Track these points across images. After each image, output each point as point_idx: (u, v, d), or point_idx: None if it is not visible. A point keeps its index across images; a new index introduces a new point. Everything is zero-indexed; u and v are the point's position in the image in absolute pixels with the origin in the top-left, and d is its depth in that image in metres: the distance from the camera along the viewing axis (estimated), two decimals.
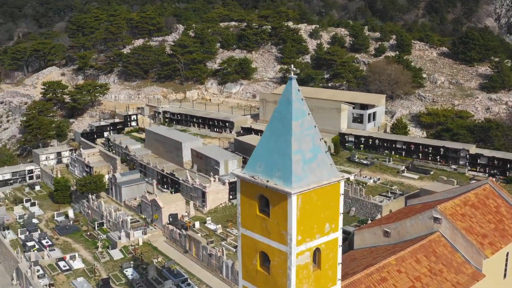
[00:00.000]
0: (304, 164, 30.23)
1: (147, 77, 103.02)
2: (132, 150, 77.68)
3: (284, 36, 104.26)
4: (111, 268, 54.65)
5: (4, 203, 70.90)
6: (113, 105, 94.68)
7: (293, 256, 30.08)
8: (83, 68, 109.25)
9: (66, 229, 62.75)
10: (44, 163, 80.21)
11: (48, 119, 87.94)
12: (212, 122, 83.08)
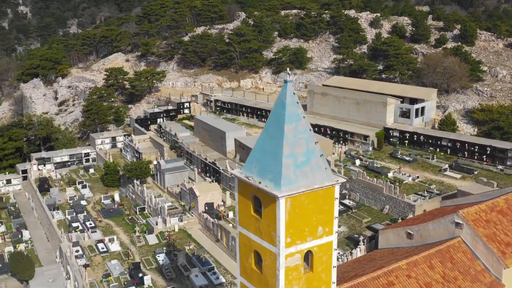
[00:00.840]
0: (296, 167, 30.42)
1: (205, 65, 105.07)
2: (181, 137, 79.98)
3: (342, 25, 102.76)
4: (145, 253, 57.12)
5: (59, 184, 75.39)
6: (170, 92, 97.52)
7: (281, 258, 30.49)
8: (145, 54, 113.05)
9: (110, 212, 66.00)
10: (99, 147, 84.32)
11: (108, 105, 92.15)
12: (260, 112, 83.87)
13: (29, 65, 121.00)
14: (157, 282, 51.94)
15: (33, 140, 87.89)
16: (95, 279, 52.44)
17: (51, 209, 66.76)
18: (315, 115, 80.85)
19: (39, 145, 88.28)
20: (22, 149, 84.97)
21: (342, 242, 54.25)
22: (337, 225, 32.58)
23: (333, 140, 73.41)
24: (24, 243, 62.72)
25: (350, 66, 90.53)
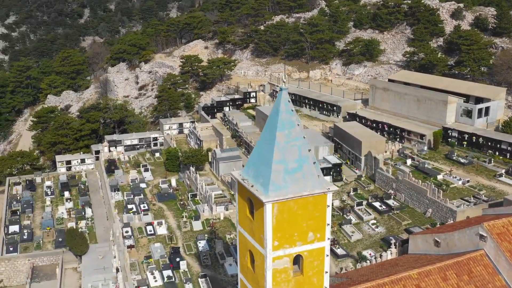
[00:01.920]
0: (286, 174, 31.24)
1: (277, 55, 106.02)
2: (241, 127, 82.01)
3: (420, 16, 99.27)
4: (188, 238, 60.00)
5: (125, 166, 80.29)
6: (241, 81, 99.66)
7: (268, 260, 31.66)
8: (222, 42, 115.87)
9: (165, 196, 69.58)
10: (167, 132, 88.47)
11: (179, 91, 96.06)
12: (321, 104, 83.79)
13: (116, 50, 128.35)
14: (193, 267, 54.64)
15: (108, 123, 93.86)
16: (137, 260, 56.14)
17: (112, 189, 71.62)
18: (376, 110, 79.64)
19: (113, 128, 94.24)
20: (98, 131, 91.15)
21: (376, 243, 54.04)
22: (329, 232, 33.06)
23: (387, 138, 72.22)
24: (85, 220, 67.92)
25: (421, 60, 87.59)
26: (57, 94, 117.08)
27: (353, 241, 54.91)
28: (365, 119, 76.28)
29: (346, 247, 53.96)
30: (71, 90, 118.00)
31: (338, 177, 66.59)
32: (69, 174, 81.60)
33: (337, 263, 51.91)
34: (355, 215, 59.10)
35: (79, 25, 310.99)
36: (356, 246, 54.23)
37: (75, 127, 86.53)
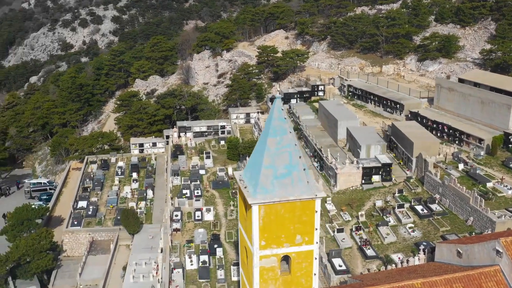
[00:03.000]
0: (274, 178, 32.96)
1: (353, 48, 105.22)
2: (303, 120, 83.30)
3: (506, 11, 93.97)
4: (231, 226, 62.82)
5: (189, 152, 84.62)
6: (313, 73, 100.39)
7: (255, 258, 33.75)
8: (301, 33, 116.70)
9: (219, 184, 72.87)
10: (234, 121, 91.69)
11: (251, 82, 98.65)
12: (385, 101, 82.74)
13: (202, 38, 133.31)
14: (229, 255, 57.51)
15: (182, 109, 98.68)
16: (180, 243, 59.99)
17: (173, 174, 76.14)
18: (440, 110, 77.55)
19: (186, 114, 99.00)
20: (171, 117, 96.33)
21: (409, 247, 53.78)
22: (318, 236, 34.36)
23: (446, 140, 70.43)
24: (145, 201, 73.05)
25: (497, 59, 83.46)
26: (144, 78, 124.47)
27: (386, 243, 55.00)
28: (426, 119, 74.68)
29: (377, 249, 54.22)
30: (158, 75, 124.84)
31: (388, 177, 66.26)
32: (140, 156, 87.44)
33: (364, 264, 52.47)
34: (395, 217, 58.92)
35: (184, 9, 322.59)
36: (388, 248, 54.31)
37: (150, 112, 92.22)
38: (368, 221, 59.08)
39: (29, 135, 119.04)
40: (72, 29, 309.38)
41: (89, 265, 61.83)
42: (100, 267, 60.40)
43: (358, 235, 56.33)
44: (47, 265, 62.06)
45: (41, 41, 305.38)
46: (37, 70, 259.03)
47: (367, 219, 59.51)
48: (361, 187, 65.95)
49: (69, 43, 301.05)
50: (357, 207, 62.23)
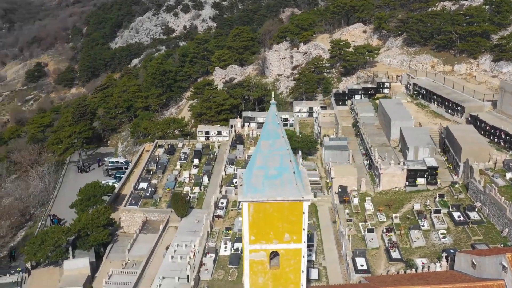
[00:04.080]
0: (265, 179, 35.12)
1: (427, 45, 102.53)
2: (361, 117, 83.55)
3: None
4: None
5: (249, 143, 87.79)
6: (384, 69, 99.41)
7: (246, 251, 36.31)
8: (378, 28, 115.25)
9: None
10: (297, 114, 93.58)
11: (319, 75, 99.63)
12: (447, 102, 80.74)
13: (283, 29, 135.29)
14: None
15: (249, 100, 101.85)
16: (220, 229, 63.56)
17: (228, 162, 79.84)
18: (502, 114, 74.83)
19: (254, 105, 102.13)
20: (238, 107, 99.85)
21: (436, 253, 53.70)
22: (306, 236, 36.17)
23: (502, 146, 68.23)
24: (200, 187, 77.34)
25: None
26: (223, 67, 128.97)
27: (414, 247, 55.22)
28: (485, 124, 72.57)
29: (404, 252, 54.63)
30: (237, 65, 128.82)
31: (433, 180, 65.71)
32: (205, 143, 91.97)
33: (387, 265, 53.22)
34: (430, 221, 58.71)
35: None
36: (415, 252, 54.55)
37: (218, 101, 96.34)
38: (402, 223, 59.35)
39: (115, 116, 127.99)
40: (175, 14, 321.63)
41: (139, 242, 67.19)
42: (148, 245, 65.46)
43: (388, 236, 56.94)
44: (103, 239, 68.26)
45: (145, 25, 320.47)
46: (140, 53, 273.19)
47: (401, 221, 59.77)
48: (405, 189, 65.92)
49: (171, 27, 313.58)
50: (395, 208, 62.50)
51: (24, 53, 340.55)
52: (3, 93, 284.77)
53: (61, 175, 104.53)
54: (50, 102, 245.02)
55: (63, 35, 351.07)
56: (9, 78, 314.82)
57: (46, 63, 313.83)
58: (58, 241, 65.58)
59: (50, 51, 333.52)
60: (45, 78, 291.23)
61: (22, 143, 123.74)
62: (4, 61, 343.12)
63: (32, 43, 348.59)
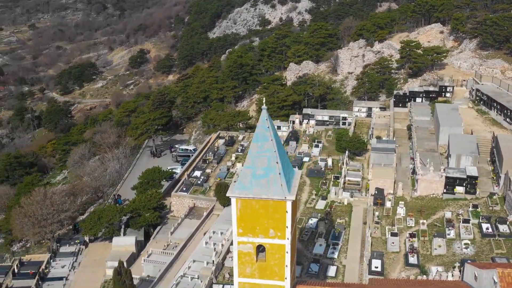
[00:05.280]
0: (253, 177, 38.28)
1: (501, 49, 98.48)
2: (416, 121, 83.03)
3: None
4: (306, 213, 67.69)
5: (304, 139, 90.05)
6: (452, 73, 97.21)
7: (234, 242, 39.79)
8: (454, 29, 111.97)
9: (314, 172, 77.64)
10: (356, 114, 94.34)
11: (382, 76, 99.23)
12: (506, 111, 78.01)
13: (360, 26, 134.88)
14: None
15: (312, 97, 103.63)
16: None
17: None
18: None
19: (316, 102, 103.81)
20: (300, 103, 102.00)
21: (453, 262, 53.75)
22: (289, 233, 38.70)
23: None
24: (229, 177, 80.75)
25: None
26: (298, 63, 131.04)
27: (434, 254, 55.56)
28: None
29: (423, 258, 55.17)
30: (311, 61, 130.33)
31: (472, 190, 64.88)
32: None
33: (402, 270, 54.13)
34: (458, 231, 58.51)
35: None
36: (434, 260, 54.90)
37: (280, 97, 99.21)
38: (428, 230, 59.60)
39: (192, 106, 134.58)
40: (272, 6, 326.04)
41: (182, 226, 72.27)
42: (189, 229, 70.35)
43: (411, 242, 57.58)
44: (152, 220, 74.12)
45: (243, 16, 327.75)
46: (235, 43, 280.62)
47: (428, 228, 59.99)
48: (441, 196, 65.65)
49: (267, 19, 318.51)
50: (427, 215, 62.65)
51: (130, 40, 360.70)
52: (108, 77, 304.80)
53: (135, 159, 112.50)
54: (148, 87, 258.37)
55: (166, 24, 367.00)
56: (115, 63, 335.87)
57: (149, 50, 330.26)
58: (111, 219, 72.21)
59: (153, 39, 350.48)
60: (146, 64, 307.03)
61: (109, 126, 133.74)
62: (112, 46, 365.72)
63: (138, 30, 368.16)
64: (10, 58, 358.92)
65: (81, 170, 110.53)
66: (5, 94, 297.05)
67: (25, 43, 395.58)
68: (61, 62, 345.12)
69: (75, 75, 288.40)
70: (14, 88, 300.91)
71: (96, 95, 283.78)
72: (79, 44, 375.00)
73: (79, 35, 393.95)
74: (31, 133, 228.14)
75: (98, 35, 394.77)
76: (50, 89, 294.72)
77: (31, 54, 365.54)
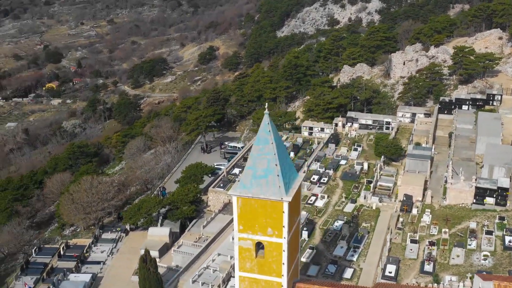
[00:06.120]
0: (253, 178, 40.59)
1: None
2: (458, 128, 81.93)
3: None
4: (333, 216, 69.02)
5: (345, 142, 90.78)
6: (504, 80, 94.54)
7: (235, 238, 42.27)
8: None
9: (348, 175, 78.54)
10: (399, 119, 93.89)
11: (433, 82, 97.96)
12: None
13: (418, 30, 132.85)
14: (314, 239, 64.39)
15: (358, 100, 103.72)
16: None
17: (315, 159, 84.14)
18: None
19: (362, 105, 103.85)
20: (346, 106, 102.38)
21: (469, 272, 53.64)
22: (286, 232, 40.52)
23: None
24: None
25: None
26: (352, 65, 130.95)
27: (451, 264, 55.61)
28: None
29: (439, 267, 55.38)
30: (365, 64, 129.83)
31: (502, 201, 64.01)
32: (306, 138, 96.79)
33: (416, 277, 54.58)
34: (480, 242, 58.09)
35: None
36: (449, 269, 55.00)
37: (326, 99, 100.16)
38: (450, 239, 59.49)
39: (246, 104, 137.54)
40: (342, 5, 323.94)
41: (215, 221, 75.22)
42: (221, 224, 73.26)
43: (429, 249, 57.79)
44: (189, 214, 77.61)
45: (312, 15, 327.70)
46: (301, 43, 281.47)
47: (450, 237, 59.88)
48: (470, 206, 65.09)
49: (336, 19, 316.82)
50: (452, 224, 62.48)
51: (200, 37, 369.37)
52: (177, 73, 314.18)
53: (185, 153, 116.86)
54: (215, 84, 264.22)
55: (237, 21, 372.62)
56: (185, 59, 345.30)
57: (218, 47, 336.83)
58: (150, 210, 76.36)
59: (223, 36, 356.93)
60: (214, 61, 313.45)
61: (165, 120, 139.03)
62: (184, 43, 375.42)
63: (209, 27, 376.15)
64: (89, 52, 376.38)
65: (135, 162, 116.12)
66: (82, 86, 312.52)
67: (103, 37, 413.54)
68: (135, 57, 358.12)
69: (146, 69, 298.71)
70: (90, 80, 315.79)
71: (165, 90, 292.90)
72: (153, 40, 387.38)
73: (153, 31, 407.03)
74: (102, 124, 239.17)
75: (171, 31, 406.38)
76: (123, 83, 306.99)
77: (107, 48, 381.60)
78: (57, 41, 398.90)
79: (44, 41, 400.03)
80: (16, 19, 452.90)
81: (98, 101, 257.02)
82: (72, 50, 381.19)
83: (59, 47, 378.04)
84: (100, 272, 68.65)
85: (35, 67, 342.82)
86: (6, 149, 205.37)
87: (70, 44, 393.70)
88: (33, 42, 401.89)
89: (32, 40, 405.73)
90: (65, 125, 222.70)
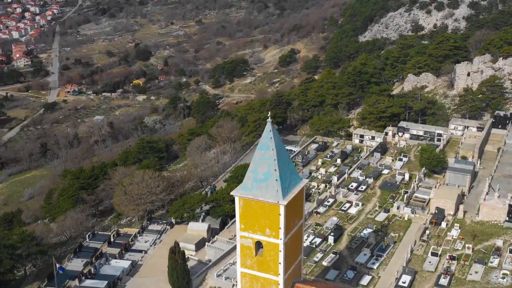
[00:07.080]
0: (254, 181, 43.58)
1: None
2: (508, 144, 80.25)
3: None
4: (363, 223, 70.12)
5: (392, 151, 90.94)
6: None
7: (237, 236, 45.42)
8: None
9: (387, 185, 79.07)
10: (451, 132, 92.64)
11: (487, 95, 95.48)
12: None
13: (489, 40, 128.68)
14: (339, 244, 65.91)
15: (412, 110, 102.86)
16: (313, 223, 70.90)
17: (358, 167, 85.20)
18: None
19: (416, 116, 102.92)
20: (399, 116, 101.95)
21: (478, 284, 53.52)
22: (283, 234, 42.98)
23: None
24: (326, 185, 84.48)
25: None
26: (417, 74, 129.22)
27: (468, 279, 55.53)
28: None
29: (455, 281, 55.51)
30: (431, 73, 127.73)
31: None
32: (357, 146, 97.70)
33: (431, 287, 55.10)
34: (502, 260, 57.48)
35: None
36: (465, 284, 54.98)
37: (379, 108, 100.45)
38: (473, 255, 59.20)
39: (308, 109, 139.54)
40: (428, 11, 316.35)
41: None
42: None
43: (449, 263, 57.93)
44: (230, 212, 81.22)
45: (396, 21, 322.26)
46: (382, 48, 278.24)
47: (474, 253, 59.55)
48: (502, 224, 64.18)
49: (420, 25, 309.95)
50: (480, 240, 62.00)
51: (283, 39, 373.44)
52: (257, 74, 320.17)
53: (243, 154, 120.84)
54: (291, 87, 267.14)
55: (320, 25, 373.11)
56: (266, 61, 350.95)
57: (299, 50, 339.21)
58: (193, 206, 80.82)
59: (305, 39, 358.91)
60: (294, 64, 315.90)
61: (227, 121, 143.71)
62: (267, 44, 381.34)
63: (292, 30, 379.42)
64: (176, 51, 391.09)
65: (200, 159, 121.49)
66: (166, 83, 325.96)
67: (190, 37, 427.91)
68: (219, 57, 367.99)
69: (227, 70, 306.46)
70: (174, 78, 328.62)
71: (244, 91, 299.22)
72: (237, 41, 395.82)
73: (238, 32, 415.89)
74: (181, 121, 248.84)
75: (256, 32, 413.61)
76: (204, 82, 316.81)
77: (194, 47, 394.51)
78: (148, 40, 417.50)
79: (136, 39, 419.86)
80: (112, 18, 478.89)
81: (179, 99, 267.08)
82: (161, 49, 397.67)
83: (149, 45, 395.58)
84: (141, 260, 73.72)
85: (125, 64, 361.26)
86: (92, 140, 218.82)
87: (160, 43, 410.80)
88: (126, 40, 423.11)
89: (125, 38, 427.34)
90: (147, 121, 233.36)
